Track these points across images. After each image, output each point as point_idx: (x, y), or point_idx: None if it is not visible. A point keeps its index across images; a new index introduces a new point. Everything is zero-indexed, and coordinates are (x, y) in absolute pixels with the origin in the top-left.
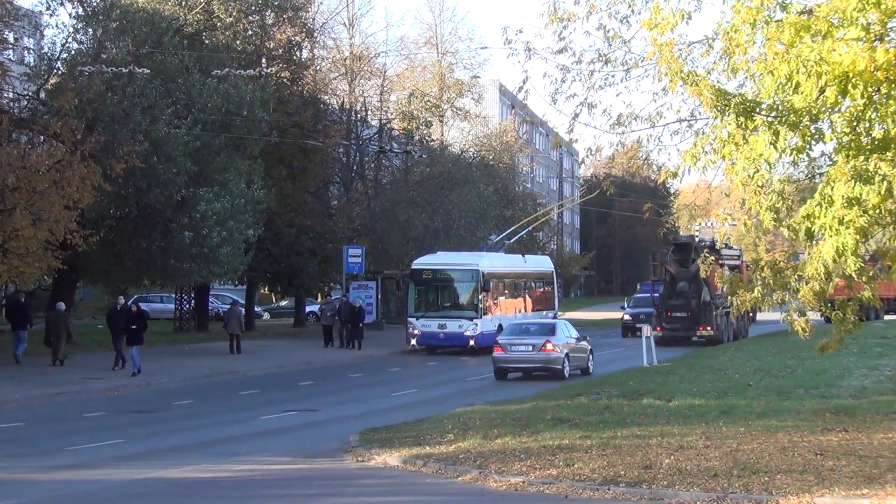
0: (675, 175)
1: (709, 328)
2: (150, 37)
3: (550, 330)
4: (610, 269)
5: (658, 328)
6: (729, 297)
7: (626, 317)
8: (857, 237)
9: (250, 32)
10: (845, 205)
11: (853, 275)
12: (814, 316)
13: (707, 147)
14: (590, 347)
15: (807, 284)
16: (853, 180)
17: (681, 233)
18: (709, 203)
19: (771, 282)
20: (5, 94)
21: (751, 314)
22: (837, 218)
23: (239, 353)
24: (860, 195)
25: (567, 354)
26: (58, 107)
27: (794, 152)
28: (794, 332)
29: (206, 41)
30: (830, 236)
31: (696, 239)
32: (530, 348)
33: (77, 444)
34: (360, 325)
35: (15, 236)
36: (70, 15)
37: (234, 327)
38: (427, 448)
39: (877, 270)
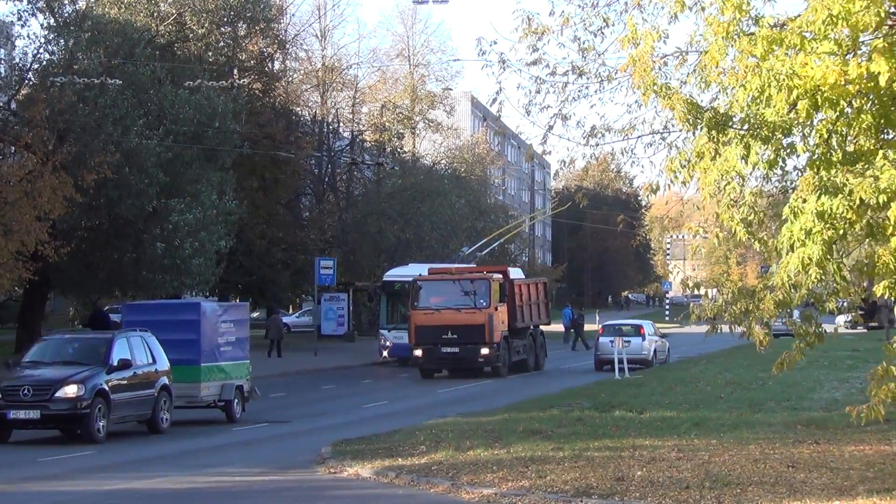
0: (655, 191)
1: None
2: (122, 48)
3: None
4: (581, 282)
5: None
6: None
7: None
8: (823, 249)
9: (222, 44)
10: (814, 218)
11: (819, 285)
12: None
13: (684, 162)
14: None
15: (771, 293)
16: (821, 193)
17: (652, 244)
18: (681, 216)
19: (735, 291)
20: None
21: None
22: (804, 230)
23: (280, 357)
24: (829, 208)
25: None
26: (29, 117)
27: (767, 166)
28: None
29: (178, 52)
30: (797, 248)
31: None
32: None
33: (48, 456)
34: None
35: None
36: (42, 26)
37: (275, 334)
38: (399, 460)
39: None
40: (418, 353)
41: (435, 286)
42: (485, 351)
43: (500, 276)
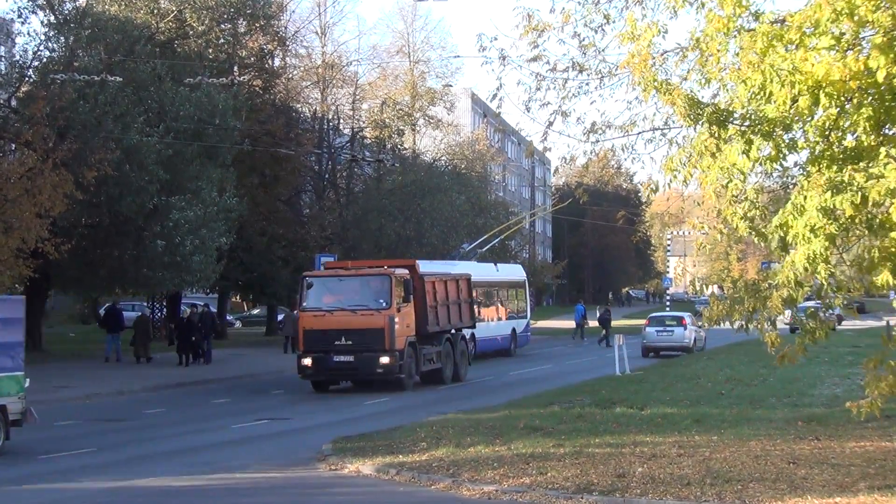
0: (655, 190)
1: None
2: (123, 45)
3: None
4: (582, 278)
5: None
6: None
7: None
8: (828, 244)
9: (222, 41)
10: (818, 214)
11: (823, 282)
12: (781, 324)
13: (684, 158)
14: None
15: (777, 291)
16: (828, 191)
17: (652, 241)
18: (682, 212)
19: (742, 291)
20: None
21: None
22: (809, 226)
23: (286, 353)
24: (833, 205)
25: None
26: (29, 115)
27: (767, 162)
28: (765, 342)
29: (179, 49)
30: (802, 244)
31: None
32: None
33: (49, 453)
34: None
35: None
36: (42, 23)
37: (290, 330)
38: (400, 456)
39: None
40: (307, 361)
41: (327, 284)
42: (384, 360)
43: (406, 271)
